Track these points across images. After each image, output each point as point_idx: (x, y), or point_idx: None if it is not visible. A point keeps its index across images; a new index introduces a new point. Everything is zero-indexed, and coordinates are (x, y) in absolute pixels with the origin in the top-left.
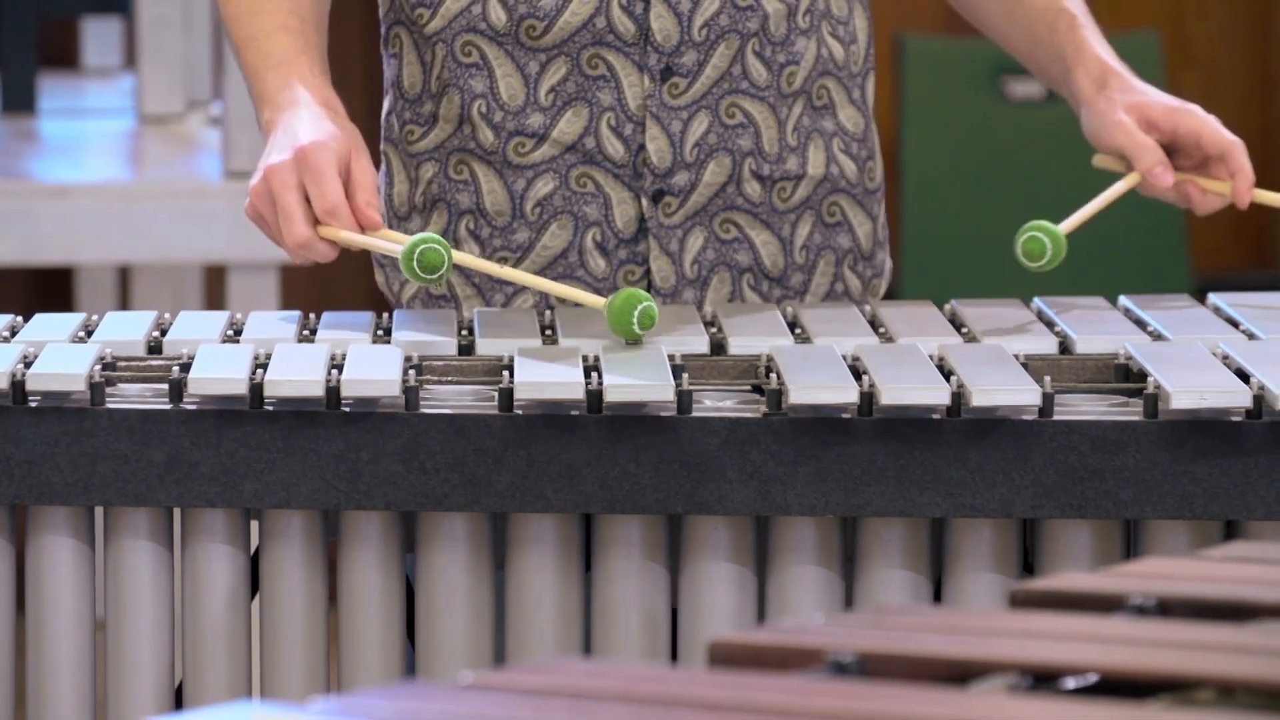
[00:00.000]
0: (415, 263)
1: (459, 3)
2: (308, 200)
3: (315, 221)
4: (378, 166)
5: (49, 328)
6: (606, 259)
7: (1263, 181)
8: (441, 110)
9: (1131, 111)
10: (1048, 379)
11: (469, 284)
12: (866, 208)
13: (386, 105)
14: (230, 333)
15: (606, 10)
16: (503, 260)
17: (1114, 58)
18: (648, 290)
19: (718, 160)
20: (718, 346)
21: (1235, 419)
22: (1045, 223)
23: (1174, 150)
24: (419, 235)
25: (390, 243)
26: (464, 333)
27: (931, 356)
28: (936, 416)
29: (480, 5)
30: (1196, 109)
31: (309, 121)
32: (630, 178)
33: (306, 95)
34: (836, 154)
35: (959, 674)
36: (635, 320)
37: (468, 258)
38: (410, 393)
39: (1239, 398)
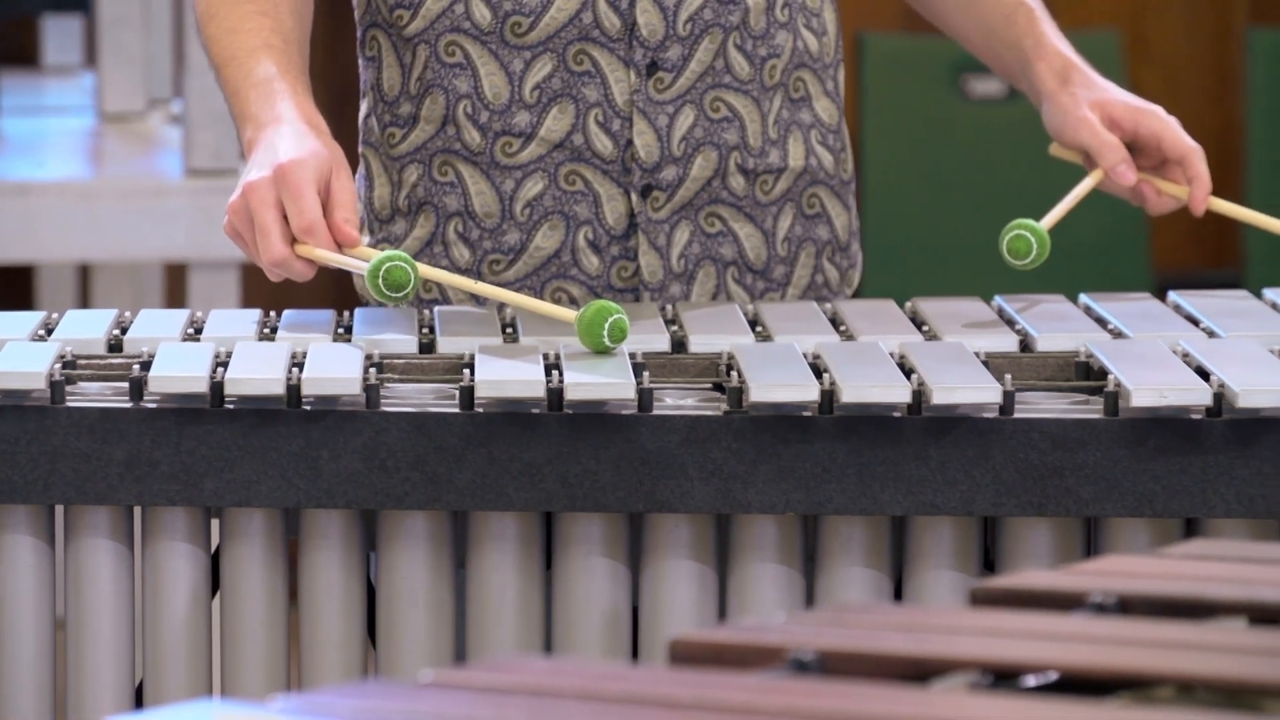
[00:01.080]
0: (381, 280)
1: (441, 3)
2: (286, 218)
3: (293, 239)
4: (354, 170)
5: (8, 326)
6: (599, 257)
7: (1222, 179)
8: (423, 111)
9: (1095, 109)
10: (1008, 377)
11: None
12: (842, 199)
13: (365, 108)
14: (191, 331)
15: (593, 6)
16: (494, 263)
17: (1073, 52)
18: (637, 286)
19: (704, 154)
20: (678, 344)
21: (1195, 417)
22: (1029, 221)
23: (1133, 150)
24: (385, 253)
25: (367, 262)
26: (425, 331)
27: (892, 354)
28: (897, 414)
29: (463, 4)
30: (1159, 110)
31: (290, 139)
32: (619, 174)
33: (289, 113)
34: (814, 146)
35: (919, 672)
36: (606, 333)
37: (438, 272)
38: (371, 391)
39: (1199, 395)
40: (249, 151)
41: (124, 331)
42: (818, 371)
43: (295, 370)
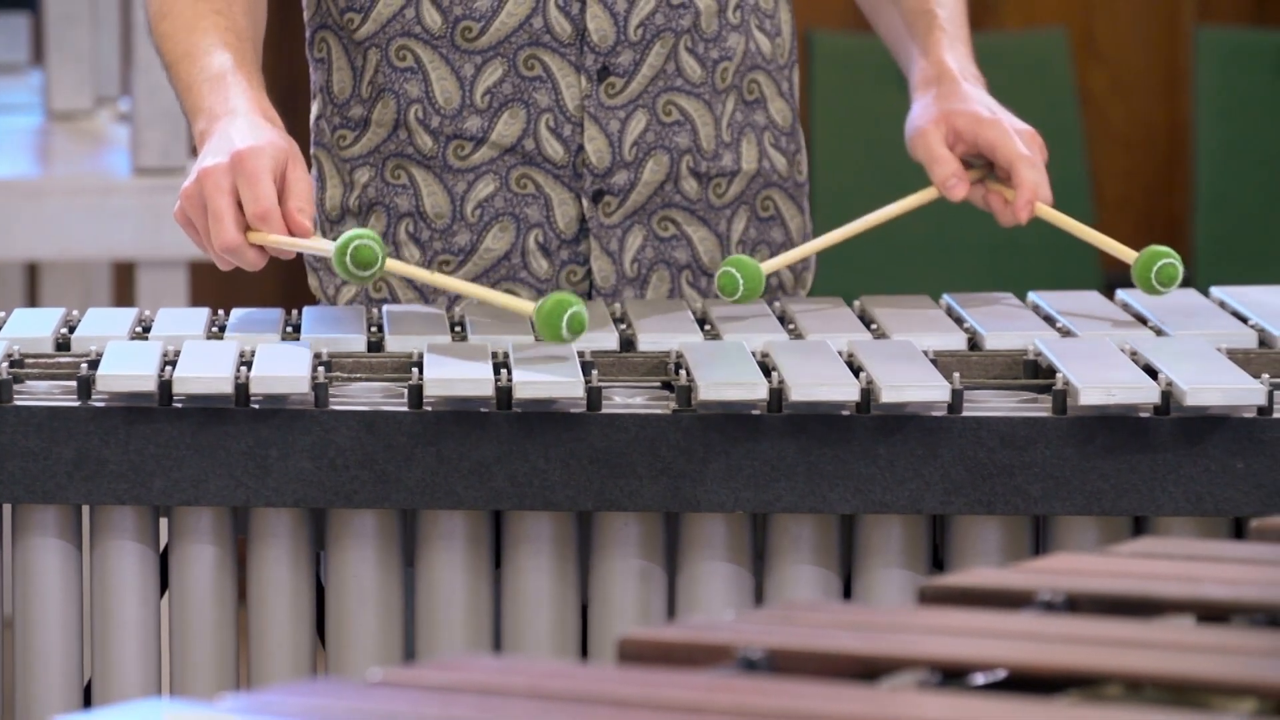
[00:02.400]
0: (349, 259)
1: (391, 7)
2: (240, 205)
3: (246, 228)
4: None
5: None
6: (549, 260)
7: (1170, 176)
8: (374, 115)
9: (941, 121)
10: (957, 375)
11: (411, 288)
12: (796, 201)
13: (315, 110)
14: (139, 329)
15: (543, 11)
16: (444, 264)
17: (961, 63)
18: (589, 290)
19: (656, 159)
20: (627, 343)
21: (1143, 415)
22: (743, 258)
23: (988, 161)
24: (352, 231)
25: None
26: (373, 329)
27: (841, 353)
28: (846, 413)
29: (414, 8)
30: (1003, 120)
31: (246, 129)
32: (570, 178)
33: (244, 105)
34: (768, 148)
35: (868, 670)
36: (564, 325)
37: (397, 264)
38: (320, 389)
39: (1147, 394)
40: (202, 143)
41: (72, 330)
42: (766, 370)
43: (244, 369)
